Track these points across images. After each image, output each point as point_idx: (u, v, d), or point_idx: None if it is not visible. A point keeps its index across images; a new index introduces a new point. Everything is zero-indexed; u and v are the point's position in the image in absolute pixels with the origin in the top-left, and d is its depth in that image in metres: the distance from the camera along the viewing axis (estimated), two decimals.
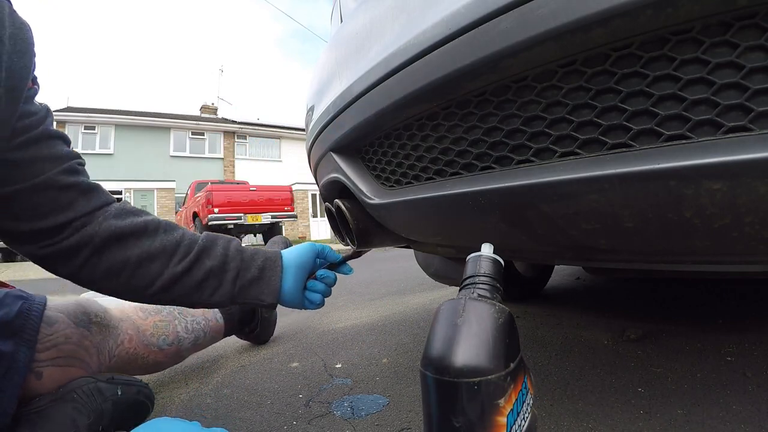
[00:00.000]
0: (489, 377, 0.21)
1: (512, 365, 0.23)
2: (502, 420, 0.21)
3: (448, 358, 0.21)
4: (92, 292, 1.15)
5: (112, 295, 0.56)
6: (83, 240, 0.52)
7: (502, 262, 0.27)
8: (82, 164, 0.56)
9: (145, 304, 0.82)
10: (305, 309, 0.66)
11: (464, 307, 0.22)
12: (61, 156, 0.53)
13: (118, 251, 0.54)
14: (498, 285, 0.26)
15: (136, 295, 0.56)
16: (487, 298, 0.24)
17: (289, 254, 0.65)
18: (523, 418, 0.24)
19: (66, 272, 0.53)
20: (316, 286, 0.66)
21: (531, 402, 0.25)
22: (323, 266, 0.69)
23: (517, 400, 0.23)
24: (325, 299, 0.68)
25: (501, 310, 0.24)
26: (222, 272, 0.58)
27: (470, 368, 0.20)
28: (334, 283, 0.68)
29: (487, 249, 0.32)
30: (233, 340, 1.19)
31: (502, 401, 0.21)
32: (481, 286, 0.25)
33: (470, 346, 0.21)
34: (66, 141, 0.55)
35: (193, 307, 0.61)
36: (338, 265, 0.70)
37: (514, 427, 0.22)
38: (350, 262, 0.72)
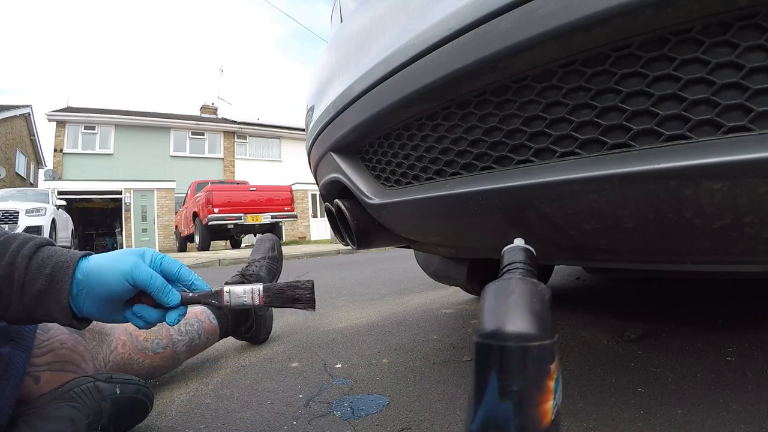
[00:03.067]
0: (544, 342, 0.23)
1: (556, 336, 0.26)
2: (552, 384, 0.24)
3: (507, 326, 0.23)
4: None
5: None
6: None
7: (535, 252, 0.30)
8: None
9: None
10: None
11: (515, 284, 0.24)
12: None
13: None
14: (534, 271, 0.29)
15: None
16: (533, 278, 0.27)
17: (98, 264, 0.49)
18: (559, 397, 0.26)
19: None
20: (137, 317, 0.51)
21: (560, 377, 0.27)
22: (144, 300, 0.51)
23: (558, 375, 0.25)
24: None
25: (545, 288, 0.27)
26: (9, 284, 0.47)
27: (528, 334, 0.23)
28: (158, 323, 0.52)
29: (519, 241, 0.35)
30: (232, 341, 1.19)
31: (552, 367, 0.24)
32: (521, 269, 0.28)
33: (526, 315, 0.23)
34: None
35: (3, 320, 0.50)
36: (167, 307, 0.51)
37: (558, 393, 0.25)
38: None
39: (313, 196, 13.31)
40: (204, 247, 7.66)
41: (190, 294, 0.53)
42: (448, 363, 0.91)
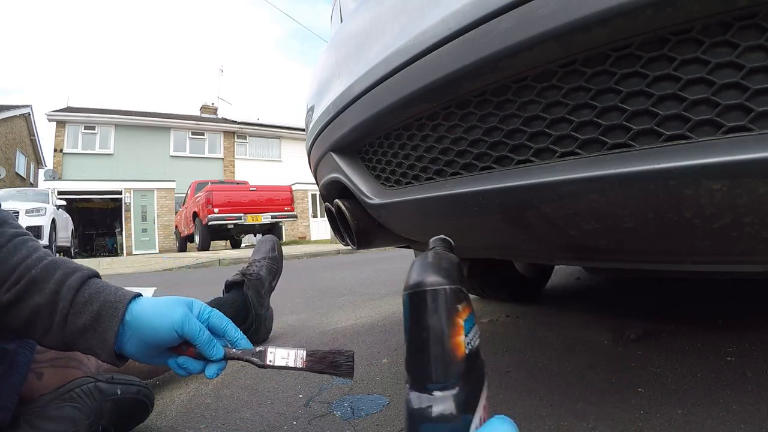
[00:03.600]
0: (452, 286, 0.30)
1: (465, 290, 0.32)
2: (461, 322, 0.31)
3: (424, 278, 0.31)
4: None
5: None
6: None
7: (452, 241, 0.37)
8: None
9: None
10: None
11: (430, 255, 0.33)
12: None
13: None
14: (448, 249, 0.37)
15: None
16: (444, 251, 0.36)
17: (147, 309, 0.50)
18: (474, 336, 0.33)
19: None
20: (180, 367, 0.51)
21: (478, 331, 0.34)
22: (187, 350, 0.51)
23: (468, 317, 0.32)
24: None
25: (454, 257, 0.34)
26: (51, 313, 0.48)
27: (438, 280, 0.30)
28: (198, 373, 0.52)
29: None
30: None
31: (460, 307, 0.31)
32: (438, 248, 0.36)
33: (438, 270, 0.31)
34: None
35: (39, 344, 0.51)
36: (211, 360, 0.52)
37: (470, 334, 0.31)
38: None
39: (313, 196, 13.31)
40: (204, 247, 7.67)
41: (233, 350, 0.54)
42: None
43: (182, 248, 9.87)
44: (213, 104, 17.31)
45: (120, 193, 12.15)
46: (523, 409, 0.67)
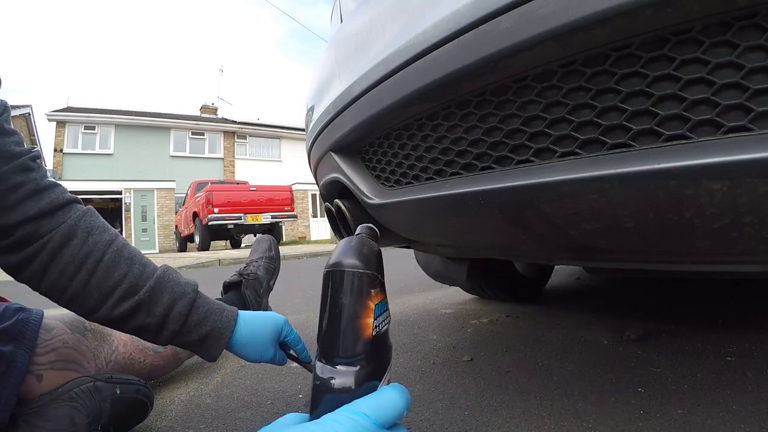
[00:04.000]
0: (367, 271, 0.34)
1: (380, 277, 0.36)
2: (372, 305, 0.33)
3: (344, 258, 0.34)
4: None
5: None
6: (33, 247, 0.50)
7: (376, 229, 0.40)
8: (36, 158, 0.53)
9: None
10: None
11: (354, 239, 0.36)
12: (13, 153, 0.49)
13: (67, 267, 0.51)
14: (372, 238, 0.40)
15: (79, 314, 0.55)
16: (367, 238, 0.38)
17: (248, 327, 0.61)
18: (384, 321, 0.36)
19: (19, 275, 0.52)
20: (275, 359, 0.64)
21: (388, 317, 0.37)
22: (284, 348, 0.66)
23: (380, 303, 0.35)
24: None
25: (375, 245, 0.38)
26: (158, 330, 0.54)
27: (356, 263, 0.33)
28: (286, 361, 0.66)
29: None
30: None
31: (372, 292, 0.34)
32: (363, 235, 0.39)
33: (358, 254, 0.34)
34: (18, 140, 0.52)
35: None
36: (299, 362, 0.67)
37: (379, 318, 0.34)
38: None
39: (313, 196, 13.31)
40: (204, 247, 7.67)
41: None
42: (448, 363, 0.91)
43: (182, 248, 9.87)
44: (213, 104, 17.31)
45: (120, 193, 12.15)
46: (523, 409, 0.67)
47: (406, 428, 0.61)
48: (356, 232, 0.39)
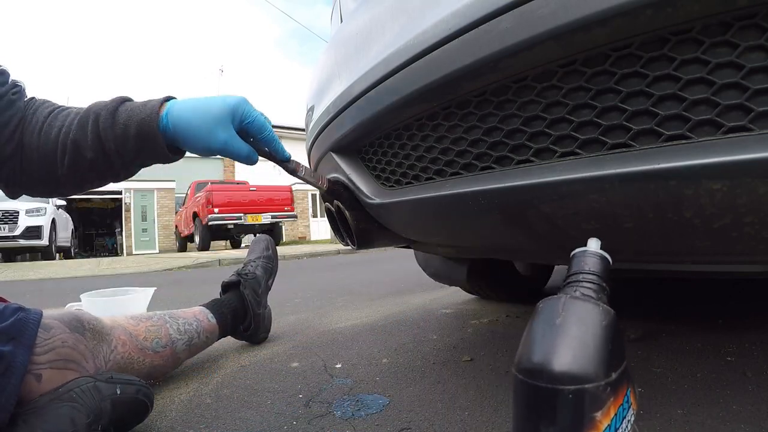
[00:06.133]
0: (586, 386, 0.19)
1: (614, 375, 0.21)
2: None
3: (541, 361, 0.19)
4: (79, 303, 1.16)
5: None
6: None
7: (611, 260, 0.25)
8: (18, 91, 0.56)
9: (134, 314, 0.83)
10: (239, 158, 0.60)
11: (564, 306, 0.20)
12: None
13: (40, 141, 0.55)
14: (604, 285, 0.24)
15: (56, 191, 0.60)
16: (590, 298, 0.22)
17: (186, 111, 0.57)
18: None
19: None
20: (228, 148, 0.59)
21: (632, 419, 0.23)
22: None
23: (616, 415, 0.21)
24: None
25: (605, 311, 0.22)
26: (105, 156, 0.57)
27: (566, 374, 0.19)
28: (243, 156, 0.60)
29: (593, 244, 0.29)
30: (232, 341, 1.19)
31: (599, 415, 0.20)
32: (585, 284, 0.23)
33: (568, 350, 0.19)
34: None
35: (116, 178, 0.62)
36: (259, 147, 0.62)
37: None
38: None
39: (313, 196, 13.31)
40: (204, 247, 7.67)
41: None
42: (448, 363, 0.91)
43: (182, 248, 9.87)
44: None
45: (120, 193, 12.15)
46: None
47: (407, 429, 0.61)
48: (569, 275, 0.23)
